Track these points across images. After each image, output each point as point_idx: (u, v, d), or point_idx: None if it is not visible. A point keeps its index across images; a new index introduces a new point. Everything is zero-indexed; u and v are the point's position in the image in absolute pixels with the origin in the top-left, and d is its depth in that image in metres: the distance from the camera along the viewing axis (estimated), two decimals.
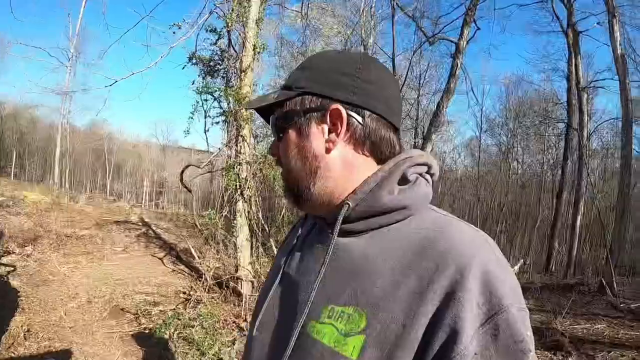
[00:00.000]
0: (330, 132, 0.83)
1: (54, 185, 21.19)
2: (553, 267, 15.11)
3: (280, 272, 0.93)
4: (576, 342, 6.11)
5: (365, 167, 0.84)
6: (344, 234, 0.82)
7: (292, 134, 0.86)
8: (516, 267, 9.31)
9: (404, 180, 0.82)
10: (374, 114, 0.83)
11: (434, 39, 11.00)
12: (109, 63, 55.82)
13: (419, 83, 23.68)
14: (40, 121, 40.13)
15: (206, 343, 4.68)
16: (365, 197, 0.80)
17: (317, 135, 0.84)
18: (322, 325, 0.76)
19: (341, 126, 0.82)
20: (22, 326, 4.50)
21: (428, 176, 0.87)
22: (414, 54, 13.67)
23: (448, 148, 29.37)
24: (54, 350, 4.28)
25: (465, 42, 9.95)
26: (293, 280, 0.89)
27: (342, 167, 0.83)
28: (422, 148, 9.21)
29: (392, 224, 0.80)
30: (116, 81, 7.14)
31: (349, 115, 0.82)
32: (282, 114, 0.87)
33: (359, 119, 0.82)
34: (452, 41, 10.51)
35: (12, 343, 4.15)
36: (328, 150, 0.83)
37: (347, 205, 0.80)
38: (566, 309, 7.46)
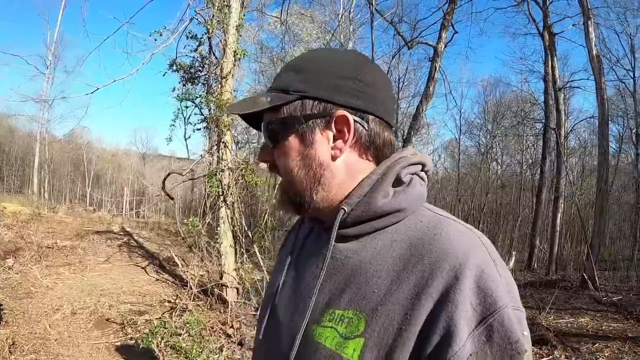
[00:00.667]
0: (335, 138, 0.82)
1: (33, 195, 20.80)
2: (535, 265, 15.34)
3: (282, 276, 0.93)
4: (561, 336, 6.22)
5: (368, 170, 0.84)
6: (341, 238, 0.81)
7: (292, 141, 0.82)
8: (511, 263, 9.40)
9: (398, 182, 0.82)
10: (376, 117, 0.83)
11: (413, 43, 11.10)
12: (89, 71, 55.48)
13: (398, 87, 23.91)
14: (18, 130, 39.37)
15: (194, 351, 4.64)
16: (360, 202, 0.80)
17: (322, 142, 0.82)
18: (324, 329, 0.77)
19: (348, 133, 0.80)
20: (6, 339, 4.40)
21: (423, 174, 0.87)
22: (392, 58, 13.81)
23: (428, 150, 29.60)
24: None
25: (443, 46, 10.06)
26: (294, 284, 0.90)
27: (346, 173, 0.83)
28: None
29: (388, 226, 0.80)
30: (97, 88, 7.07)
31: (354, 121, 0.81)
32: (279, 120, 0.82)
33: (364, 124, 0.82)
34: (430, 45, 10.62)
35: None
36: (334, 158, 0.82)
37: (343, 211, 0.80)
38: (549, 304, 7.59)
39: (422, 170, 0.87)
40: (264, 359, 0.92)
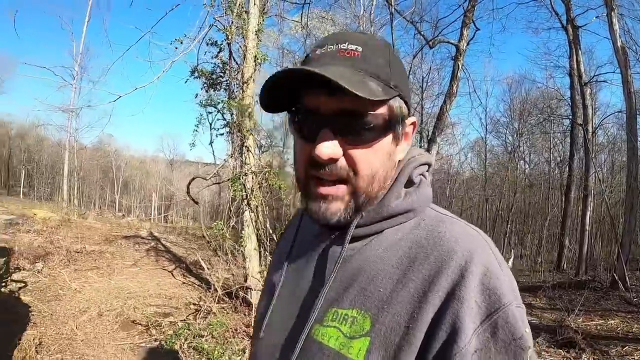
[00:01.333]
0: (404, 141, 0.83)
1: (63, 202, 21.33)
2: (564, 265, 14.99)
3: (282, 275, 0.91)
4: (589, 338, 6.08)
5: None
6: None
7: (387, 140, 0.78)
8: (510, 262, 9.28)
9: (409, 183, 0.83)
10: None
11: (434, 42, 10.98)
12: (113, 80, 56.75)
13: (422, 87, 23.72)
14: (47, 140, 40.69)
15: (216, 352, 4.69)
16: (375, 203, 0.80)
17: (401, 146, 0.83)
18: (327, 329, 0.76)
19: (410, 138, 0.82)
20: (33, 340, 4.54)
21: (427, 174, 0.88)
22: (414, 58, 13.63)
23: (454, 150, 29.33)
24: None
25: (465, 44, 9.95)
26: (295, 282, 0.88)
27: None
28: (428, 151, 9.24)
29: (395, 226, 0.80)
30: (120, 97, 7.17)
31: None
32: (384, 116, 0.76)
33: None
34: (452, 43, 10.51)
35: (24, 357, 4.18)
36: (399, 163, 0.84)
37: (360, 214, 0.79)
38: (578, 306, 7.42)
39: (427, 170, 0.88)
40: (264, 359, 0.90)
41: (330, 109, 0.74)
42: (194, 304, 6.62)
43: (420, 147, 21.00)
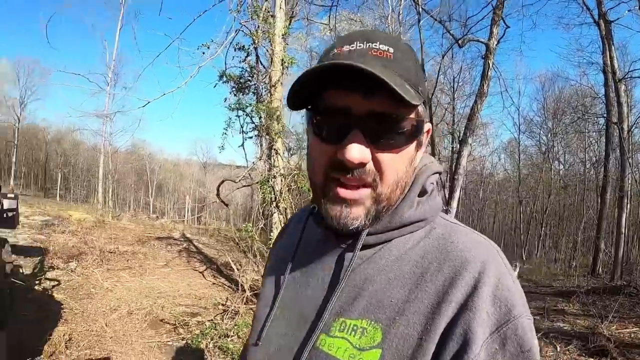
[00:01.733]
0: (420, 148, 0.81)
1: (98, 204, 21.95)
2: (600, 269, 14.53)
3: (285, 279, 0.88)
4: (622, 347, 5.89)
5: None
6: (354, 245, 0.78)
7: (411, 147, 0.76)
8: (516, 271, 9.09)
9: (422, 192, 0.81)
10: None
11: (463, 41, 10.80)
12: (144, 85, 58.62)
13: (453, 87, 23.45)
14: (82, 144, 42.09)
15: (241, 352, 4.74)
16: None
17: (419, 152, 0.81)
18: (334, 339, 0.74)
19: (425, 145, 0.81)
20: (63, 336, 4.72)
21: (438, 182, 0.87)
22: (443, 57, 13.53)
23: (486, 151, 28.91)
24: (93, 358, 4.47)
25: (495, 42, 9.75)
26: (299, 289, 0.85)
27: None
28: (459, 153, 9.14)
29: (405, 234, 0.79)
30: (148, 102, 7.41)
31: None
32: (415, 121, 0.74)
33: None
34: (481, 42, 10.31)
35: (54, 352, 4.36)
36: (415, 169, 0.82)
37: None
38: (612, 312, 7.21)
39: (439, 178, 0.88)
40: None
41: (364, 110, 0.70)
42: (222, 305, 6.72)
43: (452, 148, 20.82)
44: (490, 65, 9.72)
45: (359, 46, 0.72)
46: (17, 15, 73.16)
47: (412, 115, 0.73)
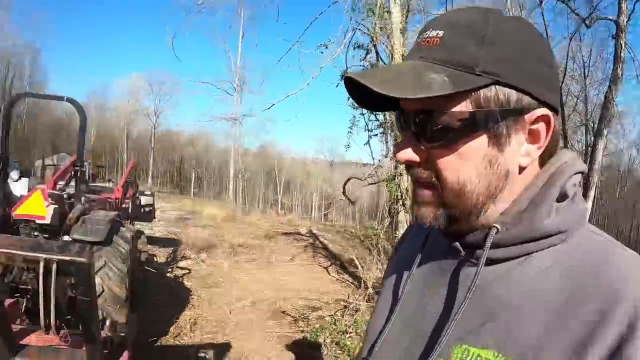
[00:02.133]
0: (527, 142, 0.66)
1: (229, 201, 23.55)
2: None
3: (404, 291, 0.79)
4: None
5: (530, 177, 0.69)
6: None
7: (480, 142, 0.64)
8: None
9: (562, 197, 0.66)
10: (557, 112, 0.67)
11: (590, 20, 9.68)
12: (270, 89, 62.66)
13: (584, 73, 21.15)
14: (214, 146, 46.39)
15: (357, 350, 4.60)
16: (520, 219, 0.65)
17: (516, 147, 0.66)
18: None
19: (546, 137, 0.65)
20: (189, 319, 5.07)
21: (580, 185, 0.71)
22: (571, 40, 12.22)
23: (622, 145, 25.93)
24: (215, 342, 4.70)
25: (625, 19, 8.54)
26: (417, 304, 0.76)
27: (521, 186, 0.68)
28: (594, 146, 8.21)
29: (544, 249, 0.65)
30: (273, 104, 7.71)
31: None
32: (464, 113, 0.63)
33: (557, 125, 0.67)
34: (610, 19, 9.15)
35: (179, 333, 4.71)
36: (521, 168, 0.67)
37: (496, 229, 0.65)
38: None
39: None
40: None
41: (411, 108, 0.66)
42: (344, 301, 6.75)
43: (587, 141, 18.87)
44: (623, 45, 8.57)
45: (418, 39, 0.68)
46: (148, 32, 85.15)
47: (463, 107, 0.62)
